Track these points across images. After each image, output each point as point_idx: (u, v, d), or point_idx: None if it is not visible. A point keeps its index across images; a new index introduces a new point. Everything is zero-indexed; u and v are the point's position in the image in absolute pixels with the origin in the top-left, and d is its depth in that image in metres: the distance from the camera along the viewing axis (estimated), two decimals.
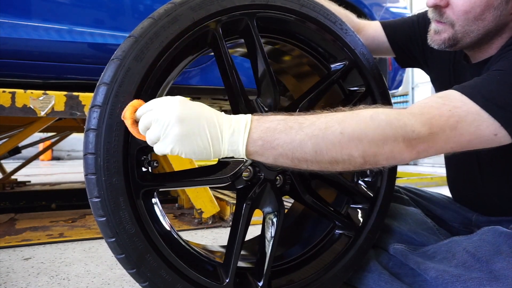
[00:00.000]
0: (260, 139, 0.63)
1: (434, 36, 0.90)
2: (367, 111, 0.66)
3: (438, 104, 0.69)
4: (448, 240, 0.91)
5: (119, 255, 0.67)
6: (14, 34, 1.50)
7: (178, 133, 0.60)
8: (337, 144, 0.63)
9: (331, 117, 0.65)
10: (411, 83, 7.59)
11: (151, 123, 0.61)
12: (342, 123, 0.64)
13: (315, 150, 0.63)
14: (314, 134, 0.63)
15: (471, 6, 0.81)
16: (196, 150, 0.61)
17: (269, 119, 0.65)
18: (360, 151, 0.64)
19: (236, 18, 0.79)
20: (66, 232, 1.63)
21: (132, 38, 0.69)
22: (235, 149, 0.63)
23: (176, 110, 0.60)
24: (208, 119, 0.62)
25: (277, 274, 0.88)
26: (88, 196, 0.66)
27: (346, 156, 0.64)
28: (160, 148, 0.62)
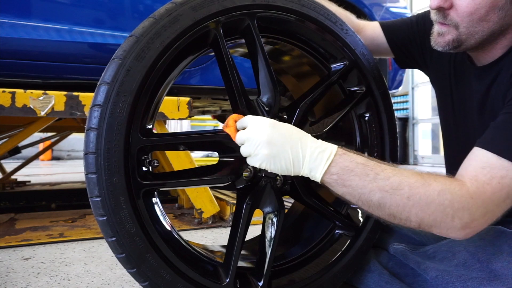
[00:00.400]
0: (337, 174, 0.71)
1: (438, 38, 0.89)
2: (437, 185, 0.70)
3: (487, 178, 0.71)
4: (448, 240, 0.91)
5: (120, 254, 0.67)
6: (14, 34, 1.50)
7: (266, 154, 0.70)
8: (400, 206, 0.70)
9: (404, 178, 0.71)
10: (411, 83, 7.59)
11: (245, 141, 0.72)
12: (412, 189, 0.69)
13: (379, 203, 0.70)
14: (385, 190, 0.69)
15: (475, 8, 0.80)
16: (279, 168, 0.71)
17: (351, 158, 0.72)
18: (419, 219, 0.70)
19: (236, 18, 0.79)
20: (66, 232, 1.63)
21: (133, 37, 0.69)
22: (313, 175, 0.71)
23: (266, 133, 0.70)
24: (293, 143, 0.71)
25: (277, 274, 0.88)
26: (89, 195, 0.66)
27: (404, 217, 0.70)
28: (251, 162, 0.73)
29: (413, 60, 1.18)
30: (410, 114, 7.62)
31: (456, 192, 0.70)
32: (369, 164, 0.72)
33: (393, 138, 0.99)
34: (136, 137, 0.69)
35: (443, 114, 1.10)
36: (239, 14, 0.79)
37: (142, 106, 0.70)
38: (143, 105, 0.70)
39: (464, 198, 0.69)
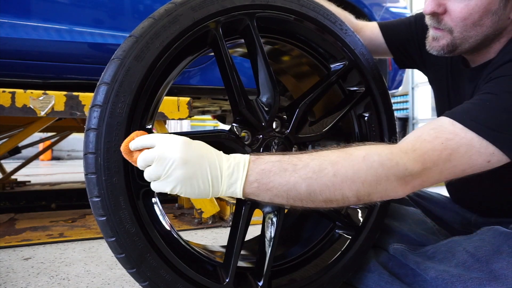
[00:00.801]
0: (256, 181, 0.65)
1: (433, 43, 0.89)
2: (360, 151, 0.68)
3: (431, 137, 0.70)
4: (448, 240, 0.91)
5: (119, 254, 0.67)
6: (14, 34, 1.50)
7: (181, 175, 0.61)
8: (330, 186, 0.65)
9: (324, 158, 0.67)
10: (411, 83, 7.59)
11: (153, 161, 0.61)
12: (335, 165, 0.66)
13: (309, 192, 0.65)
14: (308, 177, 0.65)
15: (469, 13, 0.80)
16: (196, 191, 0.63)
17: (264, 160, 0.66)
18: (354, 191, 0.66)
19: (236, 18, 0.79)
20: (66, 232, 1.63)
21: (132, 38, 0.69)
22: (233, 191, 0.65)
23: (180, 151, 0.61)
24: (210, 161, 0.63)
25: (277, 274, 0.88)
26: (88, 195, 0.66)
27: (339, 196, 0.66)
28: (159, 186, 0.62)
29: (411, 60, 1.18)
30: (410, 114, 7.62)
31: (384, 151, 0.67)
32: (284, 158, 0.67)
33: (393, 138, 0.99)
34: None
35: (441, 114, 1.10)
36: (238, 14, 0.79)
37: (141, 106, 0.70)
38: (142, 105, 0.70)
39: (394, 154, 0.67)
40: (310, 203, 0.67)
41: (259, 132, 0.83)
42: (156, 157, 0.61)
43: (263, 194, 0.66)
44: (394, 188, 0.67)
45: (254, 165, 0.65)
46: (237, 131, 0.81)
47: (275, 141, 0.85)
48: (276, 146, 0.85)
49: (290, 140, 0.88)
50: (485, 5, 0.79)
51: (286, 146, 0.87)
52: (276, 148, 0.85)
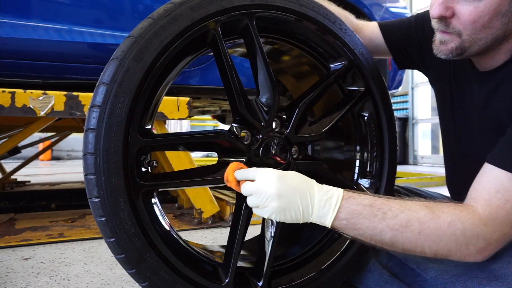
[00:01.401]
0: (345, 219, 0.71)
1: (441, 46, 0.87)
2: (447, 216, 0.71)
3: (502, 202, 0.72)
4: None
5: (119, 255, 0.67)
6: (13, 34, 1.50)
7: (276, 206, 0.70)
8: (413, 242, 0.71)
9: (412, 213, 0.72)
10: (411, 83, 7.59)
11: (252, 193, 0.72)
12: (422, 224, 0.71)
13: (392, 241, 0.72)
14: (395, 228, 0.71)
15: (478, 15, 0.79)
16: (289, 219, 0.71)
17: (357, 201, 0.73)
18: (433, 250, 0.72)
19: (235, 18, 0.79)
20: (65, 232, 1.63)
21: (131, 38, 0.69)
22: (322, 221, 0.72)
23: (275, 186, 0.70)
24: (301, 193, 0.71)
25: (277, 274, 0.88)
26: (88, 196, 0.66)
27: (419, 250, 0.72)
28: (259, 213, 0.73)
29: (411, 61, 1.17)
30: (410, 114, 7.61)
31: (468, 221, 0.71)
32: (376, 204, 0.72)
33: (392, 138, 0.99)
34: (135, 138, 0.69)
35: (442, 115, 1.09)
36: (237, 14, 0.79)
37: (141, 107, 0.69)
38: (142, 106, 0.70)
39: (476, 225, 0.71)
40: (389, 248, 0.73)
41: (259, 132, 0.83)
42: (255, 190, 0.71)
43: (348, 231, 0.73)
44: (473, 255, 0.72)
45: (346, 203, 0.72)
46: (236, 131, 0.81)
47: (274, 141, 0.84)
48: (275, 146, 0.85)
49: (289, 140, 0.88)
50: (495, 7, 0.78)
51: (286, 146, 0.87)
52: (275, 148, 0.85)
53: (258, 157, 0.83)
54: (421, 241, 0.70)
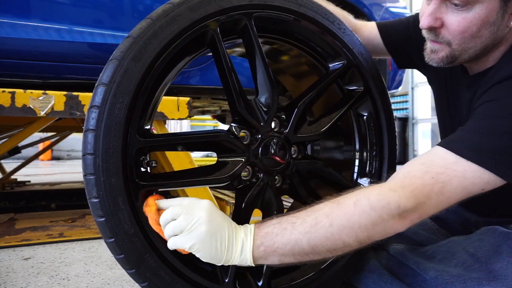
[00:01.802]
0: (262, 244, 0.69)
1: (432, 55, 0.88)
2: (350, 199, 0.70)
3: (421, 173, 0.71)
4: (448, 240, 0.91)
5: (119, 255, 0.67)
6: (13, 34, 1.50)
7: (204, 231, 0.65)
8: (329, 237, 0.68)
9: (318, 212, 0.70)
10: (411, 83, 7.58)
11: (180, 215, 0.66)
12: (329, 215, 0.69)
13: (311, 246, 0.68)
14: (306, 231, 0.68)
15: (467, 25, 0.80)
16: (213, 253, 0.66)
17: (266, 224, 0.71)
18: (353, 237, 0.69)
19: (234, 18, 0.79)
20: (65, 232, 1.63)
21: (130, 38, 0.69)
22: (244, 257, 0.68)
23: (207, 211, 0.67)
24: (229, 225, 0.69)
25: (277, 273, 0.88)
26: (87, 196, 0.66)
27: (341, 244, 0.69)
28: (179, 241, 0.66)
29: (410, 60, 1.18)
30: (410, 114, 7.61)
31: (372, 193, 0.70)
32: (283, 220, 0.71)
33: (392, 137, 0.99)
34: (134, 138, 0.69)
35: (440, 115, 1.10)
36: (236, 14, 0.79)
37: (140, 107, 0.69)
38: (141, 106, 0.70)
39: (382, 195, 0.69)
40: (316, 255, 0.70)
41: (258, 132, 0.83)
42: (184, 212, 0.66)
43: (271, 256, 0.69)
44: (392, 226, 0.69)
45: (258, 230, 0.70)
46: (236, 131, 0.81)
47: (274, 141, 0.85)
48: (275, 146, 0.85)
49: (289, 140, 0.88)
50: (483, 17, 0.78)
51: (285, 146, 0.87)
52: (275, 148, 0.85)
53: (257, 157, 0.83)
54: (337, 232, 0.68)
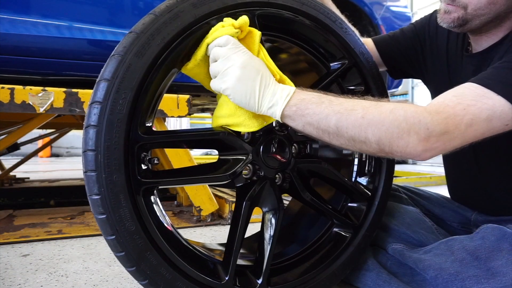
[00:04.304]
0: (295, 105, 0.72)
1: (444, 15, 0.92)
2: (390, 105, 0.72)
3: (453, 103, 0.73)
4: (448, 239, 0.91)
5: (119, 252, 0.67)
6: (13, 30, 1.50)
7: (236, 75, 0.70)
8: (356, 126, 0.70)
9: (358, 102, 0.73)
10: (411, 82, 7.60)
11: (220, 58, 0.71)
12: (366, 109, 0.71)
13: (337, 126, 0.71)
14: (339, 112, 0.71)
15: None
16: (243, 96, 0.71)
17: (307, 92, 0.75)
18: (376, 137, 0.70)
19: (237, 15, 0.79)
20: (64, 229, 1.63)
21: (133, 34, 0.69)
22: (273, 111, 0.72)
23: (244, 57, 0.71)
24: (263, 75, 0.72)
25: (276, 271, 0.88)
26: (88, 193, 0.66)
27: (363, 138, 0.71)
28: (217, 82, 0.72)
29: (406, 68, 1.22)
30: None
31: (410, 109, 0.71)
32: (323, 95, 0.74)
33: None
34: (136, 135, 0.69)
35: None
36: (239, 11, 0.79)
37: (142, 103, 0.69)
38: (143, 102, 0.69)
39: (418, 113, 0.70)
40: (335, 138, 0.73)
41: (259, 130, 0.83)
42: (223, 55, 0.71)
43: (298, 119, 0.72)
44: (415, 144, 0.69)
45: (297, 94, 0.73)
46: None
47: (275, 139, 0.84)
48: (276, 144, 0.85)
49: (289, 138, 0.87)
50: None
51: (286, 144, 0.87)
52: (276, 146, 0.85)
53: (258, 155, 0.82)
54: (364, 126, 0.70)
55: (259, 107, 0.72)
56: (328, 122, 0.71)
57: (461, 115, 0.71)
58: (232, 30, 0.72)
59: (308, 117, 0.72)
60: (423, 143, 0.69)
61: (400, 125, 0.69)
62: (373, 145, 0.71)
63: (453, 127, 0.70)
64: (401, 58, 1.20)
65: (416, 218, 1.07)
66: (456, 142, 0.72)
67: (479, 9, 0.86)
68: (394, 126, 0.69)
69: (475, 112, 0.72)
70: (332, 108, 0.71)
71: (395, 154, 0.72)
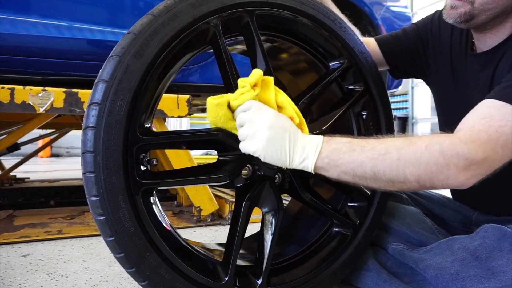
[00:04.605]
0: (327, 157, 0.73)
1: (450, 11, 0.92)
2: (423, 141, 0.72)
3: (485, 127, 0.72)
4: (449, 238, 0.91)
5: (118, 254, 0.67)
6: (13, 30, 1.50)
7: (265, 137, 0.70)
8: (394, 169, 0.70)
9: (390, 143, 0.73)
10: (411, 82, 7.59)
11: (246, 122, 0.72)
12: (400, 150, 0.71)
13: (373, 171, 0.71)
14: (373, 158, 0.71)
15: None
16: (274, 156, 0.72)
17: (336, 141, 0.75)
18: (415, 176, 0.70)
19: (236, 15, 0.79)
20: (64, 229, 1.63)
21: (131, 34, 0.68)
22: (306, 164, 0.73)
23: (269, 118, 0.72)
24: (291, 132, 0.73)
25: (276, 271, 0.88)
26: (87, 194, 0.66)
27: (402, 179, 0.71)
28: (246, 145, 0.72)
29: (408, 68, 1.21)
30: (410, 114, 7.62)
31: (445, 142, 0.71)
32: (354, 141, 0.74)
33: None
34: (135, 136, 0.69)
35: (444, 112, 1.11)
36: (238, 11, 0.79)
37: (140, 104, 0.69)
38: (141, 103, 0.69)
39: (454, 145, 0.70)
40: (373, 182, 0.73)
41: None
42: (248, 119, 0.71)
43: (332, 169, 0.73)
44: (456, 176, 0.70)
45: (326, 144, 0.74)
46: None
47: None
48: None
49: None
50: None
51: None
52: None
53: None
54: (401, 167, 0.70)
55: (291, 162, 0.73)
56: (364, 169, 0.71)
57: (495, 138, 0.71)
58: (252, 94, 0.73)
59: (342, 167, 0.72)
60: (463, 173, 0.70)
61: (437, 161, 0.69)
62: (413, 184, 0.71)
63: (490, 152, 0.71)
64: (403, 58, 1.20)
65: (416, 218, 1.07)
66: (495, 164, 0.73)
67: (486, 4, 0.86)
68: (432, 163, 0.69)
69: (508, 132, 0.72)
70: (365, 155, 0.71)
71: (438, 187, 0.72)
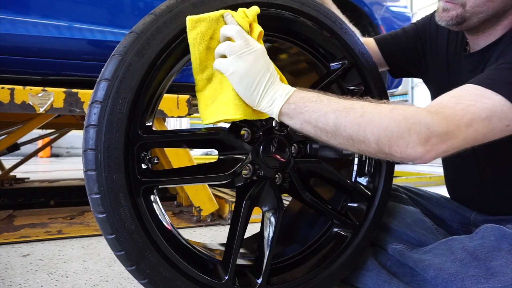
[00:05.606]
0: (294, 103, 0.72)
1: (442, 13, 0.92)
2: (389, 106, 0.72)
3: (453, 104, 0.72)
4: (448, 239, 0.91)
5: (119, 252, 0.67)
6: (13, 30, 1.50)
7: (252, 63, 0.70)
8: (355, 124, 0.69)
9: (357, 102, 0.73)
10: (411, 83, 7.61)
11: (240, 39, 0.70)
12: (365, 108, 0.71)
13: (335, 124, 0.70)
14: (338, 110, 0.70)
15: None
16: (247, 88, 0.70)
17: (306, 91, 0.75)
18: (375, 136, 0.69)
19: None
20: (64, 229, 1.63)
21: (133, 34, 0.69)
22: (271, 109, 0.72)
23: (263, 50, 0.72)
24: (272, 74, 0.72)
25: (276, 271, 0.88)
26: (88, 192, 0.66)
27: (362, 137, 0.70)
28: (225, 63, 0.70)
29: (407, 68, 1.22)
30: None
31: (409, 109, 0.70)
32: (322, 94, 0.74)
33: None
34: (136, 134, 0.69)
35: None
36: None
37: (142, 103, 0.69)
38: (143, 102, 0.70)
39: (418, 113, 0.69)
40: (333, 137, 0.72)
41: (259, 130, 0.83)
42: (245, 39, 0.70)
43: (296, 117, 0.72)
44: (415, 144, 0.68)
45: (297, 93, 0.73)
46: (236, 129, 0.81)
47: (275, 139, 0.84)
48: (275, 144, 0.85)
49: (289, 138, 0.88)
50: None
51: (286, 144, 0.87)
52: (275, 145, 0.85)
53: (258, 155, 0.83)
54: (363, 124, 0.69)
55: (259, 101, 0.72)
56: (326, 120, 0.70)
57: (460, 115, 0.70)
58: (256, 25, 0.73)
59: (306, 115, 0.71)
60: (423, 144, 0.68)
61: (399, 124, 0.67)
62: (372, 145, 0.69)
63: (453, 127, 0.70)
64: (403, 58, 1.20)
65: (416, 218, 1.07)
66: (457, 142, 0.71)
67: (477, 7, 0.87)
68: (393, 125, 0.68)
69: (475, 112, 0.71)
70: (331, 106, 0.71)
71: (395, 155, 0.70)
